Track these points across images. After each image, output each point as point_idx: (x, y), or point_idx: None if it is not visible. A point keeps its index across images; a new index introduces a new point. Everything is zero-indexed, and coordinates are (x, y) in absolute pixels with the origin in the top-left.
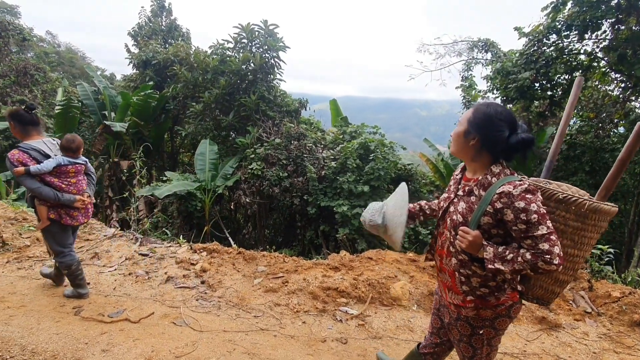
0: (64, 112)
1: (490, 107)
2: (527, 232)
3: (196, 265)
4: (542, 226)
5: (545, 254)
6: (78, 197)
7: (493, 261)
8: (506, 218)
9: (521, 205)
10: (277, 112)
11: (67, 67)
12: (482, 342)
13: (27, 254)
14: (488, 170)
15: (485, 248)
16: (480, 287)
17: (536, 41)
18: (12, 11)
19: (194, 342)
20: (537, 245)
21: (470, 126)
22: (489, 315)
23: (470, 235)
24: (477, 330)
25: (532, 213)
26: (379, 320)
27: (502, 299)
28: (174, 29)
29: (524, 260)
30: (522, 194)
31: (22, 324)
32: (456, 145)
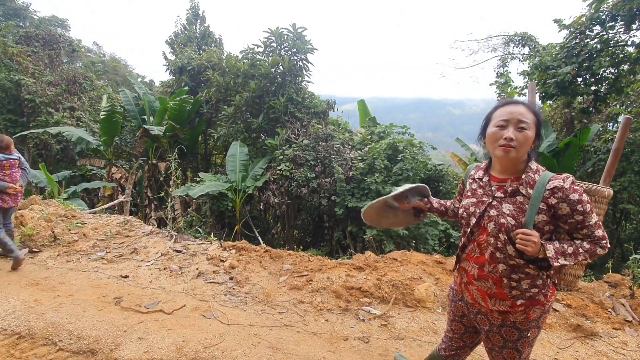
0: (109, 118)
1: (536, 106)
2: (583, 222)
3: (225, 262)
4: (594, 214)
5: (602, 240)
6: (10, 185)
7: (557, 258)
8: (561, 212)
9: (576, 198)
10: (306, 114)
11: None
12: (528, 344)
13: (75, 248)
14: (528, 168)
15: (546, 247)
16: (531, 289)
17: (578, 33)
18: (63, 24)
19: (221, 335)
20: (593, 233)
21: (538, 129)
22: (537, 315)
23: (534, 236)
24: (524, 333)
25: (586, 203)
26: (402, 321)
27: (549, 295)
28: (207, 35)
29: (584, 251)
30: (572, 186)
31: (70, 311)
32: (523, 149)
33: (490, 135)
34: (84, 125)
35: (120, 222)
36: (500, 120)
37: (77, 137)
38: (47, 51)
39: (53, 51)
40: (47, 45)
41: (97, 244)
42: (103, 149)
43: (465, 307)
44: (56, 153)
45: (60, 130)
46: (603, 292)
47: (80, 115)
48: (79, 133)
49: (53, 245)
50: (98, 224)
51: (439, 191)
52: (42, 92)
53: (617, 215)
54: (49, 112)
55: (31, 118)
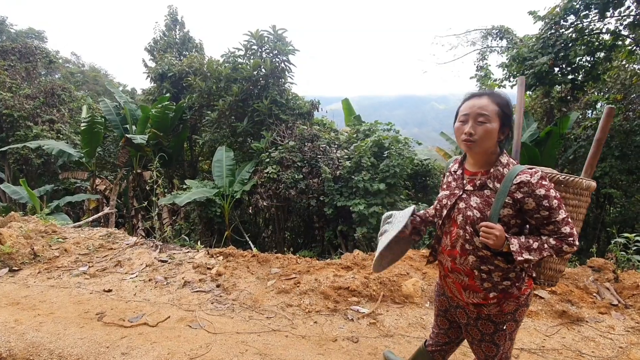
0: (89, 128)
1: (504, 96)
2: (549, 218)
3: (212, 269)
4: (562, 210)
5: (569, 237)
6: None
7: (521, 252)
8: (527, 207)
9: (542, 193)
10: (290, 115)
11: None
12: (505, 338)
13: (56, 265)
14: (498, 162)
15: (510, 241)
16: (503, 281)
17: (553, 24)
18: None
19: (207, 344)
20: (560, 230)
21: (504, 120)
22: (512, 308)
23: (496, 229)
24: (500, 326)
25: (553, 199)
26: (390, 318)
27: (523, 288)
28: (187, 41)
29: (549, 247)
30: (539, 181)
31: (50, 330)
32: (487, 142)
33: (455, 131)
34: (64, 138)
35: (103, 234)
36: (462, 115)
37: (58, 150)
38: (24, 64)
39: (30, 64)
40: (23, 58)
41: (79, 259)
42: (85, 160)
43: (446, 301)
44: (37, 167)
45: (40, 144)
46: (587, 277)
47: (60, 127)
48: (60, 146)
49: (33, 262)
50: (80, 238)
51: (427, 185)
52: (20, 106)
53: (601, 200)
54: (28, 126)
55: (10, 133)
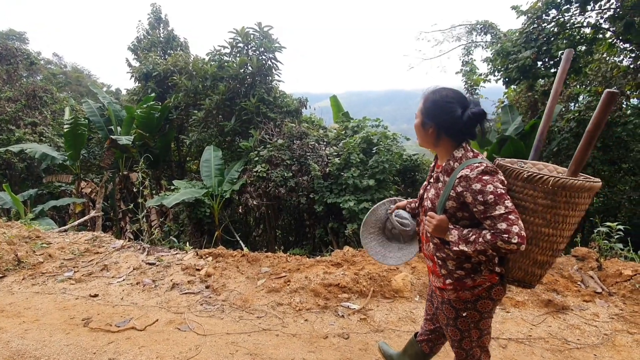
0: (73, 130)
1: (436, 92)
2: (485, 213)
3: (201, 270)
4: (500, 206)
5: (504, 233)
6: None
7: (458, 243)
8: (467, 200)
9: (477, 187)
10: (278, 114)
11: (75, 86)
12: (469, 325)
13: (40, 270)
14: (450, 156)
15: (450, 231)
16: (457, 270)
17: (535, 18)
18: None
19: (197, 346)
20: (496, 225)
21: (424, 117)
22: (469, 297)
23: (435, 219)
24: (460, 312)
25: (488, 194)
26: (380, 313)
27: (479, 280)
28: (171, 39)
29: (484, 241)
30: (478, 176)
31: (36, 337)
32: (419, 137)
33: None
34: (47, 141)
35: (88, 238)
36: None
37: (41, 153)
38: (5, 66)
39: (11, 66)
40: (4, 60)
41: (65, 264)
42: (70, 163)
43: (430, 286)
44: (20, 172)
45: (22, 148)
46: (572, 266)
47: (43, 130)
48: (43, 149)
49: (17, 269)
50: (65, 242)
51: (416, 180)
52: (1, 109)
53: None
54: (10, 129)
55: None
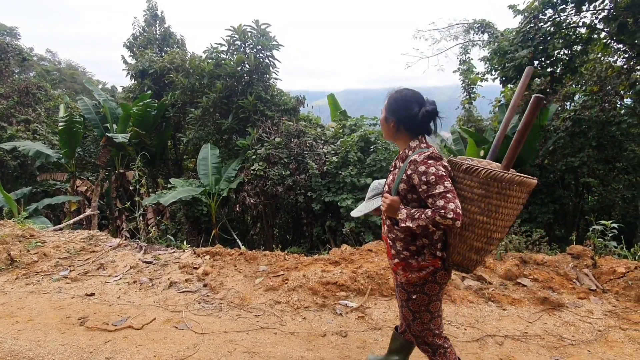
0: (67, 128)
1: (399, 92)
2: (427, 192)
3: (199, 269)
4: (439, 185)
5: (441, 209)
6: None
7: (405, 220)
8: (414, 182)
9: (422, 169)
10: (276, 112)
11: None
12: (419, 307)
13: (35, 270)
14: (407, 146)
15: (400, 210)
16: (403, 251)
17: (532, 17)
18: (12, 32)
19: (195, 345)
20: (435, 202)
21: (387, 112)
22: (417, 280)
23: (388, 199)
24: (411, 295)
25: (430, 175)
26: (378, 311)
27: (423, 263)
28: (168, 36)
29: (426, 217)
30: (424, 160)
31: (30, 337)
32: (383, 131)
33: None
34: (41, 138)
35: (84, 237)
36: None
37: (35, 151)
38: None
39: (2, 62)
40: None
41: (60, 263)
42: (64, 161)
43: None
44: (13, 170)
45: (15, 145)
46: (567, 264)
47: (37, 127)
48: (37, 147)
49: (10, 268)
50: (60, 241)
51: None
52: None
53: (580, 188)
54: (2, 126)
55: None
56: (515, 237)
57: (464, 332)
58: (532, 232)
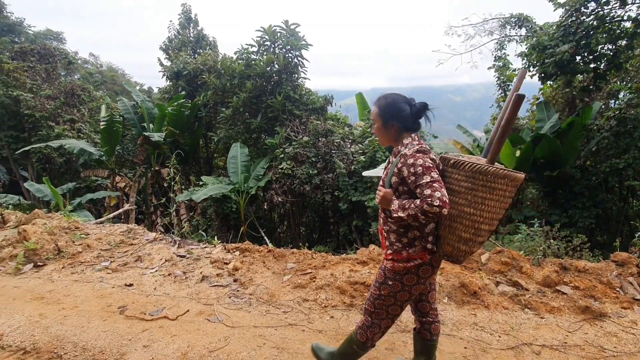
0: (108, 127)
1: (388, 97)
2: (415, 182)
3: (229, 264)
4: (426, 175)
5: (428, 198)
6: None
7: (397, 211)
8: (404, 174)
9: (411, 162)
10: (304, 111)
11: (110, 84)
12: (389, 292)
13: (79, 260)
14: (400, 143)
15: (393, 202)
16: (396, 242)
17: (573, 11)
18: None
19: (226, 338)
20: (423, 192)
21: (385, 118)
22: (401, 269)
23: (381, 191)
24: (388, 280)
25: (418, 166)
26: (406, 313)
27: (413, 254)
28: (201, 39)
29: (415, 206)
30: (413, 153)
31: (74, 323)
32: (382, 137)
33: None
34: (84, 137)
35: (123, 230)
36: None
37: (79, 149)
38: (44, 65)
39: (49, 65)
40: (43, 59)
41: (101, 254)
42: (105, 159)
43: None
44: (60, 166)
45: (61, 144)
46: (611, 272)
47: (81, 126)
48: (81, 145)
49: (57, 258)
50: (102, 234)
51: None
52: (41, 106)
53: (624, 192)
54: (50, 125)
55: (32, 133)
56: (554, 243)
57: (498, 339)
58: (572, 237)
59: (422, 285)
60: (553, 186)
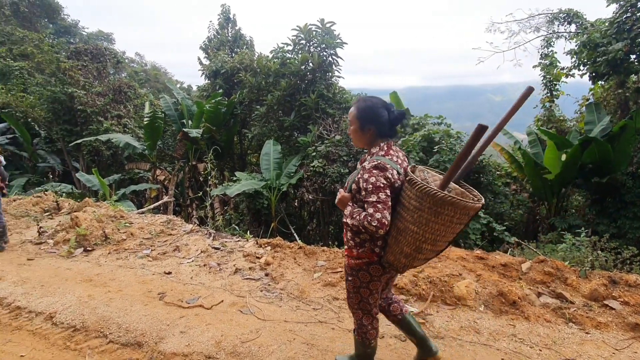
0: (151, 123)
1: (367, 101)
2: (364, 198)
3: (261, 258)
4: (373, 195)
5: (368, 216)
6: None
7: (347, 216)
8: (360, 185)
9: (365, 177)
10: (337, 109)
11: (153, 82)
12: (352, 288)
13: (123, 247)
14: (369, 151)
15: (347, 206)
16: (350, 240)
17: (629, 7)
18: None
19: (257, 330)
20: (367, 209)
21: (362, 122)
22: (354, 266)
23: (340, 194)
24: (348, 277)
25: (369, 184)
26: (440, 319)
27: (361, 254)
28: (238, 38)
29: (359, 219)
30: (370, 169)
31: (119, 305)
32: (357, 140)
33: None
34: (130, 132)
35: (163, 221)
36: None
37: (125, 142)
38: (95, 64)
39: (100, 64)
40: (95, 58)
41: (143, 243)
42: (148, 153)
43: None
44: (107, 158)
45: (109, 137)
46: None
47: (127, 122)
48: (126, 139)
49: (104, 244)
50: (143, 223)
51: (480, 183)
52: (92, 102)
53: None
54: (99, 120)
55: (84, 127)
56: (602, 254)
57: (539, 352)
58: (621, 249)
59: (377, 283)
60: (601, 194)
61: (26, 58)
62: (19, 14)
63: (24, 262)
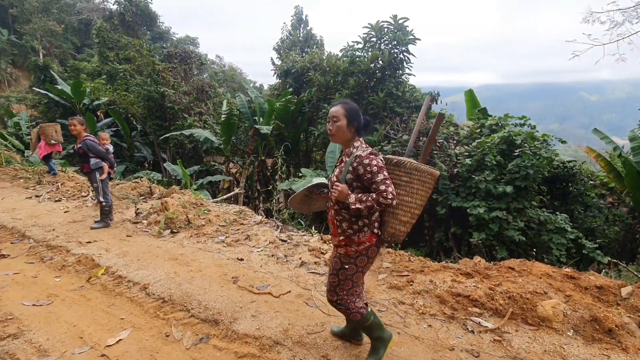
0: (227, 120)
1: (350, 103)
2: (371, 179)
3: (326, 254)
4: (380, 174)
5: (383, 192)
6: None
7: (355, 203)
8: (359, 172)
9: (366, 162)
10: (406, 108)
11: (230, 82)
12: (346, 276)
13: (203, 231)
14: (351, 145)
15: (350, 196)
16: (348, 230)
17: None
18: (194, 42)
19: (322, 324)
20: (378, 187)
21: (350, 119)
22: (353, 253)
23: (339, 187)
24: (344, 264)
25: (373, 166)
26: (520, 339)
27: (362, 239)
28: (309, 38)
29: (372, 199)
30: (367, 155)
31: (199, 284)
32: (341, 135)
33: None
34: (209, 127)
35: (236, 211)
36: (328, 117)
37: (204, 137)
38: (183, 66)
39: (187, 65)
40: (183, 61)
41: (219, 229)
42: (223, 147)
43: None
44: (189, 151)
45: (192, 132)
46: None
47: (207, 118)
48: (206, 134)
49: (187, 227)
50: (219, 211)
51: (568, 192)
52: (179, 100)
53: None
54: (184, 117)
55: (171, 122)
56: None
57: None
58: None
59: (370, 264)
60: None
61: (129, 61)
62: (124, 23)
63: (124, 238)
